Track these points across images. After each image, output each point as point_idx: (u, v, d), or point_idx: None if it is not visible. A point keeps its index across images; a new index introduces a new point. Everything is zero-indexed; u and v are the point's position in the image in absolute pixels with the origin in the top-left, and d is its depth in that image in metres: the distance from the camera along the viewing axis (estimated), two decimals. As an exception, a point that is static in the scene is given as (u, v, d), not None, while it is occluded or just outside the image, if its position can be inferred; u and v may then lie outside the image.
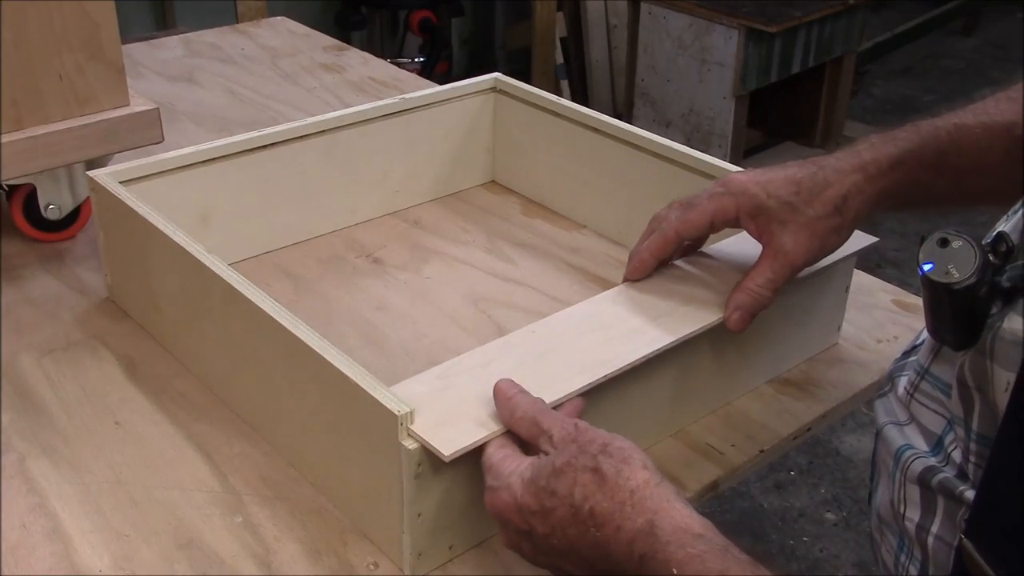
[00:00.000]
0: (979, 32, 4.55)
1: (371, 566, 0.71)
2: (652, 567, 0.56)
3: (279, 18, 1.72)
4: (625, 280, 0.82)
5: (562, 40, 3.45)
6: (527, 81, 1.17)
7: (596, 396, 0.75)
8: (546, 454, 0.62)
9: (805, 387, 0.90)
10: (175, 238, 0.84)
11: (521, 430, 0.65)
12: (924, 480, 0.62)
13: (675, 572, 0.54)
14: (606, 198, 1.09)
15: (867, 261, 0.73)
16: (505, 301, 1.00)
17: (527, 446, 0.65)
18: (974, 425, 0.59)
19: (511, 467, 0.63)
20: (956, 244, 0.56)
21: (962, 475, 0.61)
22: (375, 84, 1.47)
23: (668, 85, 3.02)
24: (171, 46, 1.58)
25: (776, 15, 2.79)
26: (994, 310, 0.57)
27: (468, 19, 3.67)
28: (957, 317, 0.57)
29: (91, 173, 0.94)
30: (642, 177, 1.04)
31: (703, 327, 0.77)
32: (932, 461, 0.63)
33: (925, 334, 0.69)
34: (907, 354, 0.71)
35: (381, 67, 1.54)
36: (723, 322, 0.77)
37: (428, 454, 0.66)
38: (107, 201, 0.92)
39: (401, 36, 3.44)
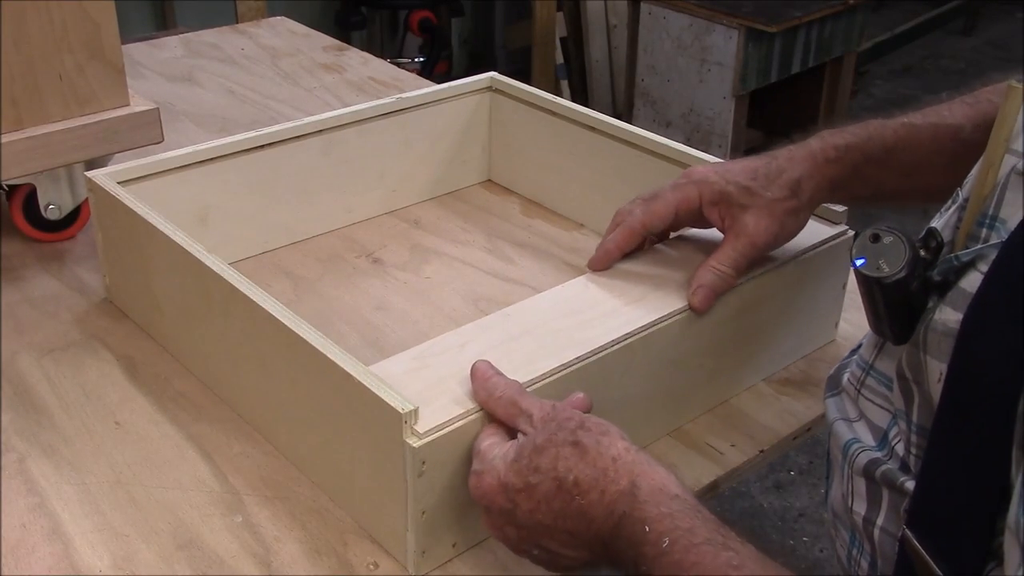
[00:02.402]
0: (979, 32, 4.55)
1: (371, 566, 0.71)
2: (628, 525, 0.58)
3: (279, 18, 1.72)
4: (592, 269, 0.84)
5: (562, 40, 3.45)
6: (527, 81, 1.17)
7: (592, 389, 0.75)
8: (525, 434, 0.64)
9: (805, 386, 0.90)
10: (175, 238, 0.84)
11: (498, 410, 0.66)
12: (868, 472, 0.63)
13: (647, 529, 0.56)
14: (605, 198, 1.09)
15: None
16: (505, 301, 1.00)
17: (506, 430, 0.67)
18: (914, 417, 0.60)
19: (496, 451, 0.65)
20: (887, 240, 0.58)
21: (904, 467, 0.62)
22: (375, 84, 1.47)
23: (668, 85, 3.02)
24: (171, 46, 1.58)
25: (776, 15, 2.79)
26: (930, 304, 0.58)
27: (468, 19, 3.67)
28: (892, 311, 0.59)
29: (89, 173, 0.94)
30: (642, 177, 1.04)
31: (673, 312, 0.79)
32: (877, 454, 0.64)
33: (867, 332, 0.70)
34: (853, 352, 0.72)
35: (381, 67, 1.54)
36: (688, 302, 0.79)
37: (432, 452, 0.66)
38: (105, 201, 0.92)
39: (401, 36, 3.44)
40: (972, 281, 0.55)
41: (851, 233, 0.90)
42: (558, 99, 1.11)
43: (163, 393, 0.87)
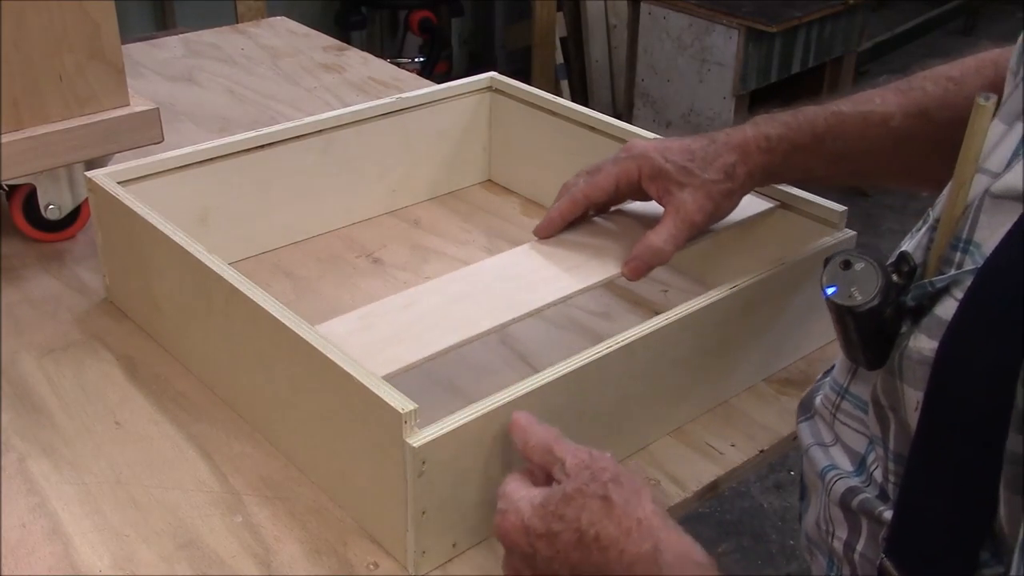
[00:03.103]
0: (979, 32, 4.55)
1: (371, 566, 0.71)
2: None
3: (279, 18, 1.72)
4: (537, 236, 0.88)
5: (562, 40, 3.45)
6: (527, 81, 1.17)
7: (592, 390, 0.75)
8: (558, 482, 0.62)
9: (805, 386, 0.89)
10: (175, 238, 0.84)
11: (535, 457, 0.65)
12: (845, 502, 0.62)
13: None
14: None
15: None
16: (505, 301, 1.00)
17: (534, 477, 0.66)
18: (891, 444, 0.59)
19: (522, 493, 0.63)
20: (859, 266, 0.56)
21: (883, 495, 0.60)
22: (375, 84, 1.47)
23: (668, 85, 3.02)
24: (171, 46, 1.58)
25: (776, 15, 2.78)
26: (903, 329, 0.57)
27: (468, 19, 3.67)
28: (865, 338, 0.57)
29: (89, 173, 0.94)
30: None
31: (608, 277, 0.83)
32: (854, 481, 0.62)
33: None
34: (826, 373, 0.71)
35: (381, 67, 1.54)
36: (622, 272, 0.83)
37: (432, 452, 0.66)
38: (105, 201, 0.92)
39: (401, 36, 3.44)
40: (947, 308, 0.54)
41: (852, 234, 0.90)
42: (558, 99, 1.11)
43: (163, 393, 0.87)
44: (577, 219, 0.88)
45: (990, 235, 0.53)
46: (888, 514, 0.58)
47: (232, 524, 0.74)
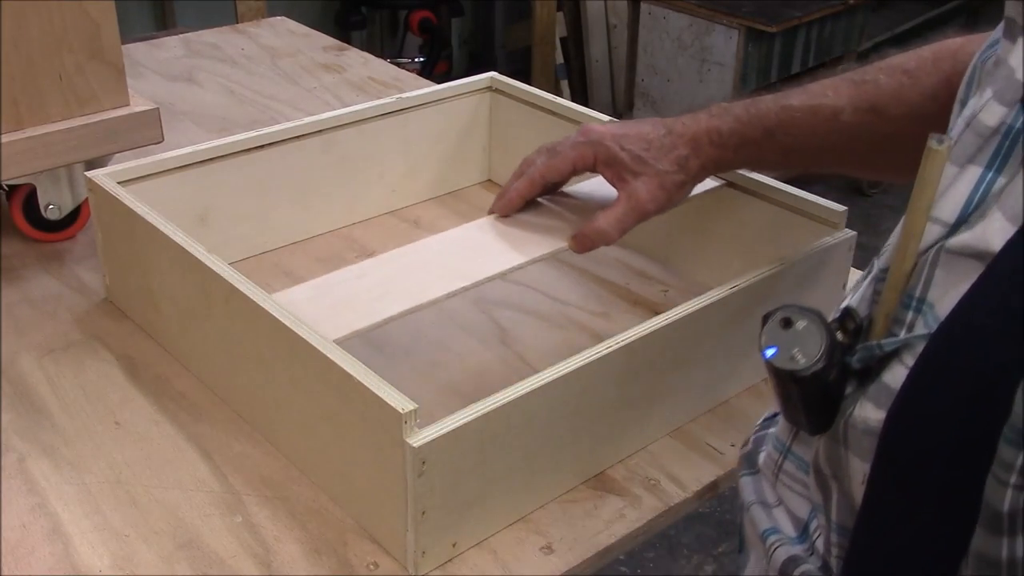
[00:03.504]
0: (979, 31, 4.54)
1: (371, 566, 0.71)
2: None
3: (279, 18, 1.72)
4: (491, 213, 0.91)
5: (562, 40, 3.45)
6: (527, 81, 1.17)
7: (592, 390, 0.75)
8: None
9: (805, 386, 0.90)
10: (175, 238, 0.84)
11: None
12: (786, 572, 0.58)
13: None
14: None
15: (863, 258, 0.73)
16: (505, 301, 1.00)
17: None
18: (833, 515, 0.55)
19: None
20: (800, 325, 0.52)
21: (826, 567, 0.56)
22: (375, 84, 1.47)
23: (668, 85, 3.02)
24: (171, 46, 1.58)
25: (776, 15, 2.78)
26: (849, 389, 0.52)
27: (468, 19, 3.67)
28: (808, 403, 0.53)
29: (89, 173, 0.94)
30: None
31: (555, 250, 0.87)
32: (796, 549, 0.58)
33: None
34: (767, 421, 0.67)
35: (381, 67, 1.54)
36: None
37: (432, 452, 0.66)
38: (105, 201, 0.92)
39: (401, 36, 3.44)
40: (896, 375, 0.49)
41: (852, 234, 0.90)
42: (558, 99, 1.11)
43: (163, 393, 0.87)
44: (532, 197, 0.92)
45: (944, 294, 0.49)
46: None
47: (232, 524, 0.74)
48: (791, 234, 0.92)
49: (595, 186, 0.93)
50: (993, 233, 0.47)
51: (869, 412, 0.50)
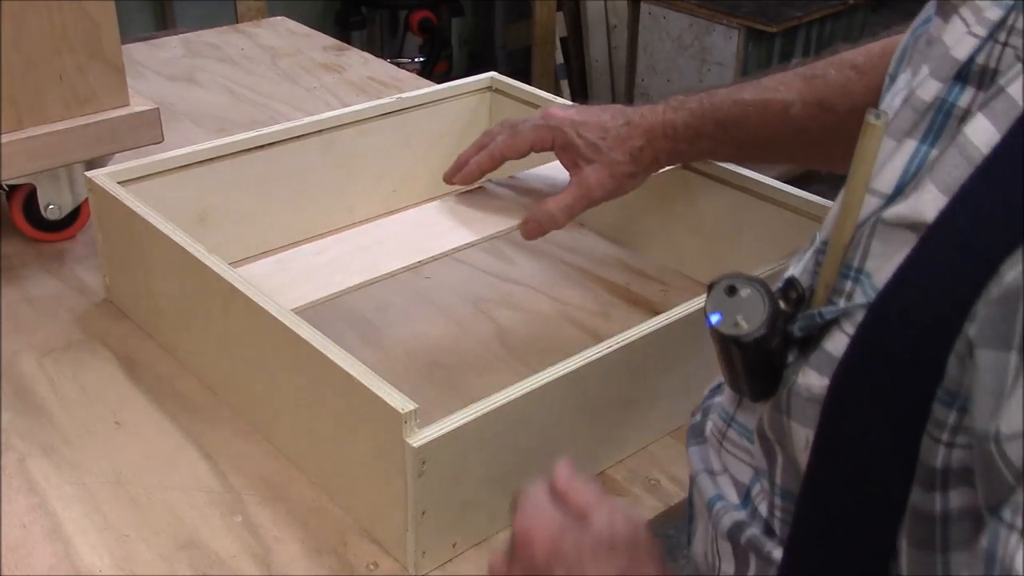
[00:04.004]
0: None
1: (371, 566, 0.71)
2: None
3: (279, 18, 1.72)
4: (445, 180, 0.95)
5: (562, 40, 3.45)
6: (527, 81, 1.17)
7: (595, 388, 0.75)
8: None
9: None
10: (175, 238, 0.84)
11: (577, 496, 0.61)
12: (733, 536, 0.59)
13: None
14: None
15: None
16: (505, 301, 1.00)
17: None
18: (777, 479, 0.56)
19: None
20: (745, 292, 0.53)
21: (769, 530, 0.58)
22: (375, 84, 1.47)
23: (668, 85, 3.02)
24: (171, 46, 1.58)
25: (776, 15, 2.78)
26: (791, 358, 0.53)
27: (468, 19, 3.67)
28: (751, 369, 0.54)
29: (89, 173, 0.94)
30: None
31: (505, 230, 0.91)
32: (741, 515, 0.59)
33: None
34: (713, 392, 0.68)
35: (381, 67, 1.54)
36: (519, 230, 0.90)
37: (432, 452, 0.66)
38: (105, 201, 0.92)
39: (401, 36, 3.44)
40: (837, 343, 0.50)
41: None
42: (558, 99, 1.11)
43: (163, 393, 0.87)
44: (490, 171, 0.94)
45: (881, 265, 0.50)
46: (777, 553, 0.56)
47: (232, 524, 0.74)
48: (789, 233, 0.92)
49: (550, 171, 0.97)
50: (926, 204, 0.48)
51: (812, 380, 0.51)
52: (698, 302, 0.81)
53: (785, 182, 0.95)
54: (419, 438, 0.66)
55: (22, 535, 0.73)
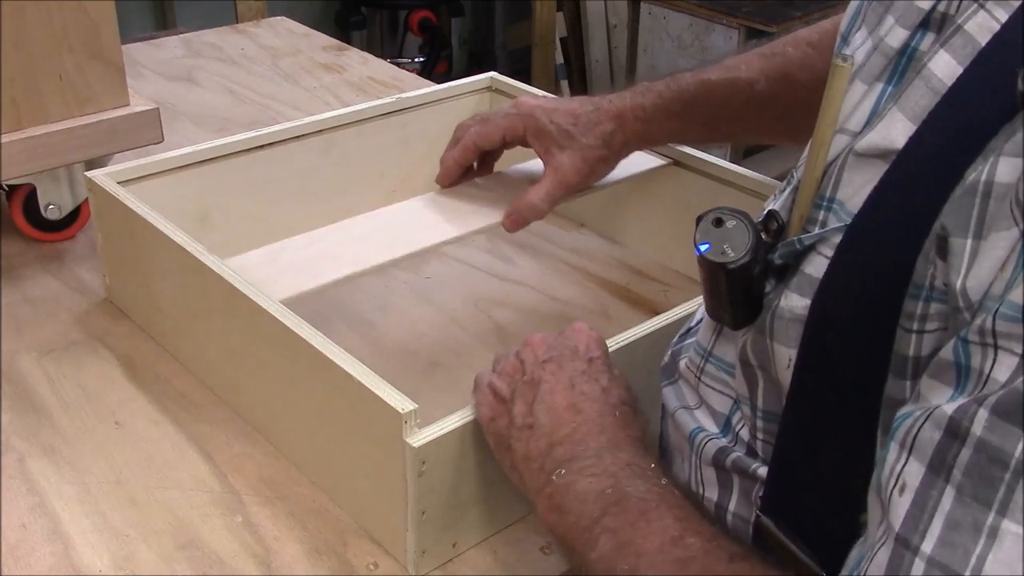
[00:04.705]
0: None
1: (371, 566, 0.71)
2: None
3: (279, 18, 1.72)
4: (438, 184, 0.97)
5: (562, 40, 3.45)
6: (527, 81, 1.17)
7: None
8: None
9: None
10: (175, 238, 0.84)
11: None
12: (718, 461, 0.62)
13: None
14: (605, 198, 1.09)
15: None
16: (505, 301, 1.00)
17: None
18: (759, 403, 0.59)
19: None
20: (730, 224, 0.57)
21: (751, 453, 0.61)
22: (375, 84, 1.47)
23: (668, 85, 3.02)
24: (171, 46, 1.58)
25: (776, 15, 2.78)
26: (768, 288, 0.57)
27: (468, 19, 3.67)
28: (734, 296, 0.58)
29: (88, 173, 0.94)
30: (641, 176, 1.04)
31: (489, 224, 0.92)
32: (723, 442, 0.63)
33: (699, 315, 0.70)
34: (683, 336, 0.72)
35: (381, 67, 1.54)
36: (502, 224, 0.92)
37: (432, 452, 0.66)
38: (105, 201, 0.92)
39: (401, 36, 3.44)
40: (817, 266, 0.54)
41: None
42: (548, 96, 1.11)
43: (163, 393, 0.87)
44: (470, 169, 0.97)
45: (854, 193, 0.54)
46: (762, 470, 0.59)
47: (232, 524, 0.74)
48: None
49: (534, 166, 0.97)
50: (897, 132, 0.52)
51: (795, 301, 0.55)
52: (698, 302, 0.80)
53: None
54: (419, 438, 0.66)
55: (22, 535, 0.73)
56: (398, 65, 1.62)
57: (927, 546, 0.41)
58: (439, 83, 1.21)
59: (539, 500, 0.63)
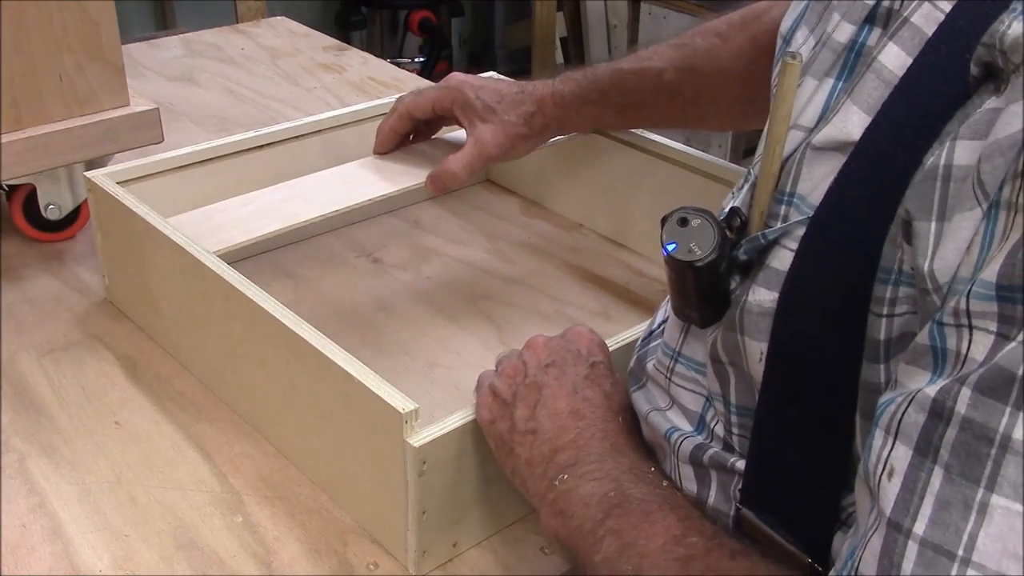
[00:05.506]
0: None
1: (371, 566, 0.71)
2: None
3: (279, 18, 1.72)
4: (375, 153, 1.02)
5: (562, 40, 3.45)
6: (527, 81, 1.17)
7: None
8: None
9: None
10: (175, 238, 0.84)
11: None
12: (695, 458, 0.63)
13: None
14: (605, 198, 1.09)
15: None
16: (505, 301, 1.00)
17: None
18: (732, 399, 0.60)
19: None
20: (695, 222, 0.58)
21: (728, 448, 0.62)
22: (375, 84, 1.47)
23: (668, 85, 3.02)
24: (171, 46, 1.58)
25: (776, 15, 2.78)
26: (734, 285, 0.58)
27: (468, 19, 3.67)
28: (701, 294, 0.59)
29: (88, 174, 0.94)
30: (642, 177, 1.04)
31: (415, 184, 0.97)
32: (699, 439, 0.64)
33: (661, 318, 0.70)
34: (646, 340, 0.72)
35: (381, 67, 1.54)
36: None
37: (432, 452, 0.66)
38: (105, 201, 0.92)
39: (401, 36, 3.44)
40: (782, 259, 0.55)
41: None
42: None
43: (163, 393, 0.87)
44: (406, 137, 1.03)
45: (814, 187, 0.54)
46: (740, 464, 0.59)
47: (232, 524, 0.74)
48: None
49: (463, 135, 1.00)
50: (853, 124, 0.53)
51: (762, 296, 0.55)
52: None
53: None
54: (419, 438, 0.66)
55: (22, 535, 0.73)
56: (398, 65, 1.62)
57: (919, 527, 0.41)
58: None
59: (542, 506, 0.63)
